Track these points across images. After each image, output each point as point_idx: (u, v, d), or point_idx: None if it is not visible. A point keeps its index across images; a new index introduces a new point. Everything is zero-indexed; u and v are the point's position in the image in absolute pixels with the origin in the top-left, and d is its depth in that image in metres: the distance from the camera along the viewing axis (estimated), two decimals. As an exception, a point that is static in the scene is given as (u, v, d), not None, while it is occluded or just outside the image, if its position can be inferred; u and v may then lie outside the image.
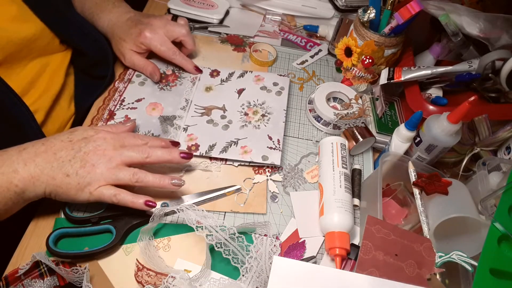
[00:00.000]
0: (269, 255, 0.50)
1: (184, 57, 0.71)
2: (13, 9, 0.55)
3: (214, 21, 0.83)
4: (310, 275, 0.41)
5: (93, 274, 0.48)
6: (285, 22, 0.88)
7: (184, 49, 0.72)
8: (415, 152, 0.59)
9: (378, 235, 0.47)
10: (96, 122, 0.63)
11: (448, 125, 0.53)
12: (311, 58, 0.82)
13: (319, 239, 0.55)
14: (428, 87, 0.70)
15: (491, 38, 0.62)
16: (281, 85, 0.71)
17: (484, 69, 0.65)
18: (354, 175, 0.62)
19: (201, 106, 0.68)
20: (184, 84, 0.71)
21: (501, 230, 0.47)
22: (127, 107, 0.66)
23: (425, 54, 0.74)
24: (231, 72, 0.73)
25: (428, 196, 0.53)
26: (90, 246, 0.50)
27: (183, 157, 0.54)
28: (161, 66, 0.73)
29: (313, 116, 0.69)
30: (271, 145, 0.62)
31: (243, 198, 0.58)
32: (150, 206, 0.50)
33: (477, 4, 0.74)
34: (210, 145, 0.61)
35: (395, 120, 0.69)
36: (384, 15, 0.68)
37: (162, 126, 0.64)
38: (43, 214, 0.53)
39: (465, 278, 0.49)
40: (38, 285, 0.46)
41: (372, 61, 0.67)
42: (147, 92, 0.69)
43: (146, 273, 0.48)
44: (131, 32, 0.66)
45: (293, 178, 0.61)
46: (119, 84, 0.69)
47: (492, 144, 0.60)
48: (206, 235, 0.47)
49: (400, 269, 0.45)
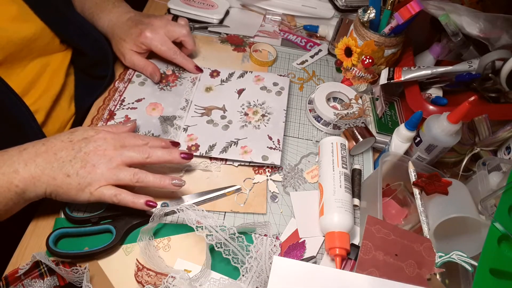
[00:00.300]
0: (269, 255, 0.50)
1: (185, 56, 0.71)
2: (13, 9, 0.55)
3: (214, 21, 0.83)
4: (310, 275, 0.41)
5: (93, 274, 0.48)
6: (285, 22, 0.88)
7: (185, 49, 0.72)
8: (415, 152, 0.59)
9: (378, 235, 0.47)
10: (96, 122, 0.63)
11: (448, 125, 0.53)
12: (311, 58, 0.82)
13: (319, 239, 0.55)
14: (428, 87, 0.70)
15: (491, 38, 0.62)
16: (281, 85, 0.71)
17: (484, 69, 0.65)
18: (354, 175, 0.62)
19: (201, 106, 0.68)
20: (184, 84, 0.71)
21: (501, 230, 0.47)
22: (127, 107, 0.66)
23: (425, 54, 0.74)
24: (231, 73, 0.73)
25: (428, 196, 0.53)
26: (90, 246, 0.50)
27: (183, 158, 0.54)
28: (161, 66, 0.73)
29: (313, 116, 0.69)
30: (271, 145, 0.62)
31: (243, 198, 0.58)
32: (151, 206, 0.50)
33: (477, 4, 0.74)
34: (210, 145, 0.62)
35: (395, 120, 0.69)
36: (384, 15, 0.68)
37: (162, 126, 0.64)
38: (43, 214, 0.53)
39: (465, 278, 0.49)
40: (38, 285, 0.46)
41: (372, 61, 0.67)
42: (147, 92, 0.69)
43: (146, 273, 0.48)
44: (131, 32, 0.66)
45: (293, 178, 0.61)
46: (119, 84, 0.69)
47: (492, 144, 0.60)
48: (206, 235, 0.47)
49: (400, 269, 0.45)
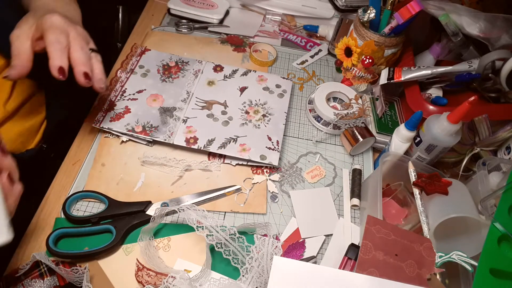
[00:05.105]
0: (271, 256, 0.50)
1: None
2: None
3: (214, 21, 0.83)
4: (310, 275, 0.41)
5: (93, 274, 0.48)
6: (285, 22, 0.88)
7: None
8: (415, 152, 0.59)
9: (378, 235, 0.47)
10: (96, 112, 0.63)
11: (448, 125, 0.53)
12: (311, 58, 0.82)
13: (319, 239, 0.55)
14: (428, 87, 0.70)
15: (491, 38, 0.62)
16: (283, 88, 0.71)
17: (484, 69, 0.65)
18: (354, 175, 0.62)
19: (202, 100, 0.67)
20: (187, 76, 0.71)
21: (501, 230, 0.47)
22: (128, 98, 0.65)
23: (425, 54, 0.74)
24: (234, 69, 0.73)
25: (428, 196, 0.53)
26: (90, 246, 0.50)
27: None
28: (165, 58, 0.73)
29: (313, 116, 0.69)
30: (270, 145, 0.62)
31: (243, 198, 0.58)
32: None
33: (477, 4, 0.74)
34: (209, 140, 0.61)
35: (395, 120, 0.69)
36: (384, 15, 0.68)
37: (161, 117, 0.63)
38: (43, 214, 0.53)
39: (465, 278, 0.49)
40: (38, 285, 0.46)
41: (372, 61, 0.67)
42: (148, 83, 0.68)
43: (146, 273, 0.48)
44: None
45: (290, 176, 0.61)
46: (121, 74, 0.69)
47: (492, 144, 0.60)
48: (206, 235, 0.47)
49: (400, 269, 0.45)
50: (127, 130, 0.60)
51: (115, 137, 0.62)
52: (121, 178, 0.58)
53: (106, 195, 0.54)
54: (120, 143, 0.61)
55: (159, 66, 0.71)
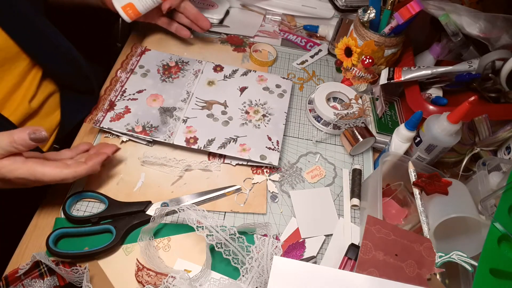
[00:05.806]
0: (271, 256, 0.50)
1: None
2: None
3: (214, 21, 0.83)
4: (310, 275, 0.41)
5: (93, 274, 0.48)
6: (285, 22, 0.88)
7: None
8: (415, 152, 0.59)
9: (378, 235, 0.47)
10: (96, 112, 0.63)
11: (448, 125, 0.53)
12: (311, 58, 0.82)
13: (319, 239, 0.55)
14: (428, 87, 0.70)
15: (491, 38, 0.62)
16: (283, 88, 0.71)
17: (484, 69, 0.65)
18: (354, 175, 0.62)
19: (202, 100, 0.67)
20: (187, 76, 0.71)
21: (501, 230, 0.47)
22: (128, 98, 0.66)
23: (425, 54, 0.74)
24: (234, 69, 0.73)
25: (428, 196, 0.53)
26: (90, 246, 0.50)
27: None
28: (164, 58, 0.73)
29: (313, 116, 0.69)
30: (270, 145, 0.62)
31: (243, 198, 0.58)
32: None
33: (477, 4, 0.74)
34: (209, 140, 0.61)
35: (395, 120, 0.69)
36: (384, 15, 0.68)
37: (161, 117, 0.63)
38: (43, 214, 0.53)
39: (465, 278, 0.49)
40: (38, 285, 0.46)
41: (372, 61, 0.67)
42: (148, 83, 0.68)
43: (146, 273, 0.48)
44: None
45: (290, 176, 0.61)
46: (121, 74, 0.69)
47: (492, 144, 0.60)
48: (206, 235, 0.47)
49: (400, 269, 0.45)
50: (127, 130, 0.60)
51: (115, 137, 0.62)
52: (121, 178, 0.58)
53: (106, 195, 0.54)
54: (120, 143, 0.61)
55: (159, 66, 0.71)
